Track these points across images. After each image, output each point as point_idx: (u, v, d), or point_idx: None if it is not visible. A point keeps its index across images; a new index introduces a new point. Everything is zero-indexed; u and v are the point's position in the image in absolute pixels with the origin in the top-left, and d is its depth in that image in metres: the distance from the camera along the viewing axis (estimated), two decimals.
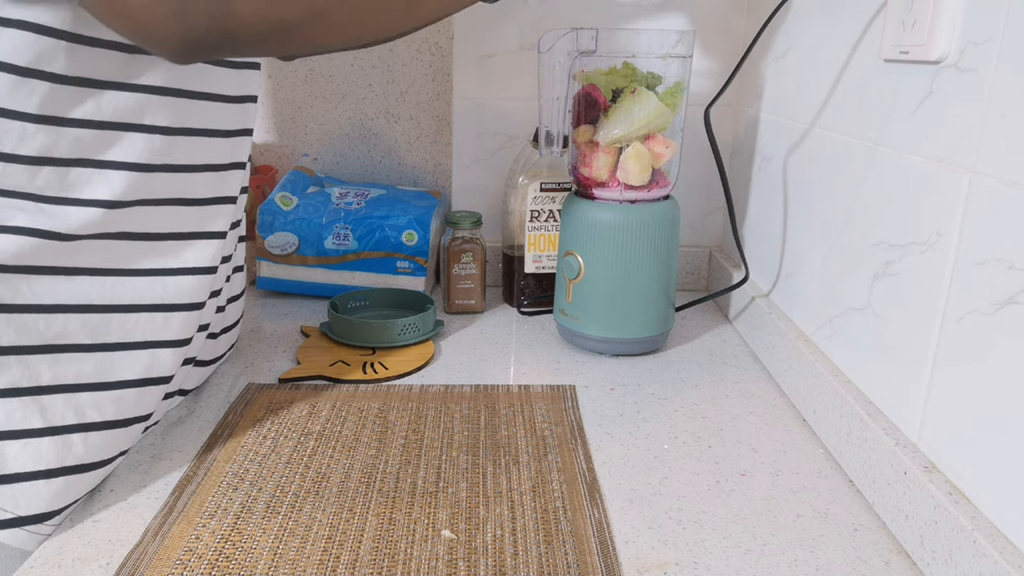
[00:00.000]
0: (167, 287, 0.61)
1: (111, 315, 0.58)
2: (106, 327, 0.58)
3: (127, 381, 0.60)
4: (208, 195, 0.64)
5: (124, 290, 0.59)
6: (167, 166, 0.60)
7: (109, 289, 0.58)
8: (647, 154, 0.82)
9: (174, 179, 0.60)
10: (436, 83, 1.14)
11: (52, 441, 0.56)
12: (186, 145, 0.61)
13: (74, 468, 0.57)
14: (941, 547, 0.50)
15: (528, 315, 0.99)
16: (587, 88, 0.83)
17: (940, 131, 0.55)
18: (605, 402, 0.76)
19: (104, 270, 0.58)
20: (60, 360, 0.56)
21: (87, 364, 0.57)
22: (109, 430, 0.59)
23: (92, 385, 0.58)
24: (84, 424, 0.58)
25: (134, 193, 0.58)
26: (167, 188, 0.60)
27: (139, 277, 0.60)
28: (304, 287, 1.02)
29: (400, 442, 0.67)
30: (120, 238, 0.58)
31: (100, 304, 0.58)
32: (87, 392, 0.58)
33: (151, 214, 0.60)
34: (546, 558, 0.53)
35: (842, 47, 0.71)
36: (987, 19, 0.50)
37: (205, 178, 0.63)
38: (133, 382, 0.60)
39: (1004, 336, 0.47)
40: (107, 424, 0.59)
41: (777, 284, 0.86)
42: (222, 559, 0.52)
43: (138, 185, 0.58)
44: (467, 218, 0.97)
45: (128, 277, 0.59)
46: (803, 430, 0.71)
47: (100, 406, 0.58)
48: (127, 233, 0.58)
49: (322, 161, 1.18)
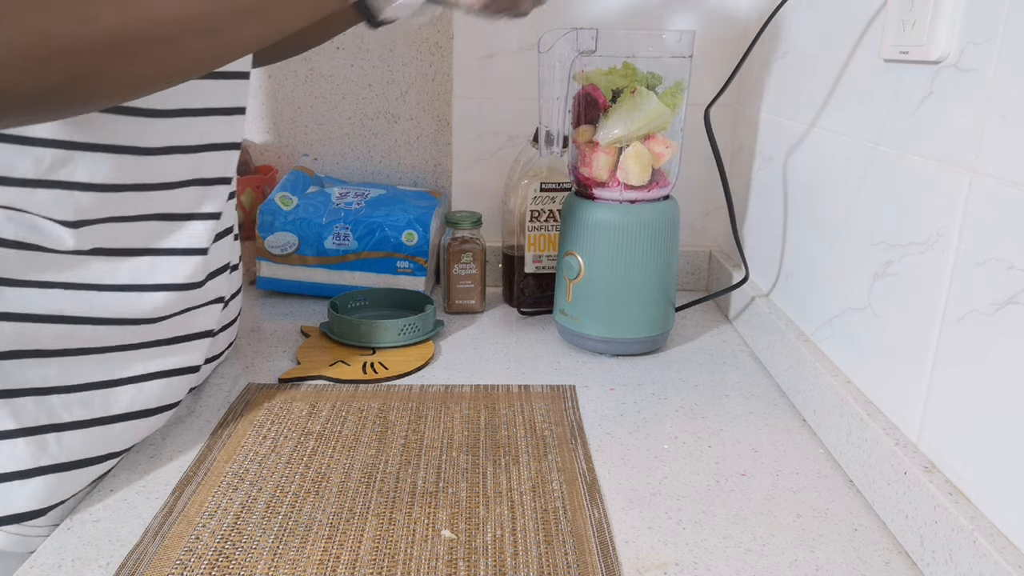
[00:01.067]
0: (143, 301, 0.61)
1: (83, 325, 0.58)
2: (75, 335, 0.58)
3: (92, 384, 0.60)
4: (188, 211, 0.63)
5: (97, 304, 0.58)
6: (139, 185, 0.58)
7: (81, 301, 0.57)
8: (647, 154, 0.82)
9: (150, 196, 0.59)
10: (436, 83, 1.14)
11: (27, 442, 0.56)
12: (171, 163, 0.60)
13: (50, 468, 0.57)
14: (941, 547, 0.50)
15: (528, 315, 0.99)
16: (587, 88, 0.83)
17: (940, 131, 0.55)
18: (605, 402, 0.76)
19: (78, 285, 0.57)
20: (23, 365, 0.56)
21: (51, 368, 0.57)
22: (83, 429, 0.59)
23: (58, 388, 0.58)
24: (57, 424, 0.58)
25: (101, 211, 0.57)
26: (142, 205, 0.59)
27: (114, 292, 0.59)
28: (304, 287, 1.02)
29: (400, 442, 0.67)
30: (95, 254, 0.57)
31: (72, 316, 0.57)
32: (56, 395, 0.58)
33: (124, 230, 0.59)
34: (546, 558, 0.53)
35: (842, 47, 0.71)
36: (987, 19, 0.50)
37: (187, 193, 0.62)
38: (97, 384, 0.60)
39: (1004, 336, 0.47)
40: (79, 424, 0.59)
41: (777, 284, 0.86)
42: (222, 559, 0.52)
43: (105, 203, 0.57)
44: (467, 218, 0.97)
45: (103, 292, 0.59)
46: (803, 430, 0.71)
47: (69, 407, 0.59)
48: (101, 249, 0.58)
49: (322, 161, 1.18)
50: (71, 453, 0.59)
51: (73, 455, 0.59)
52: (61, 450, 0.58)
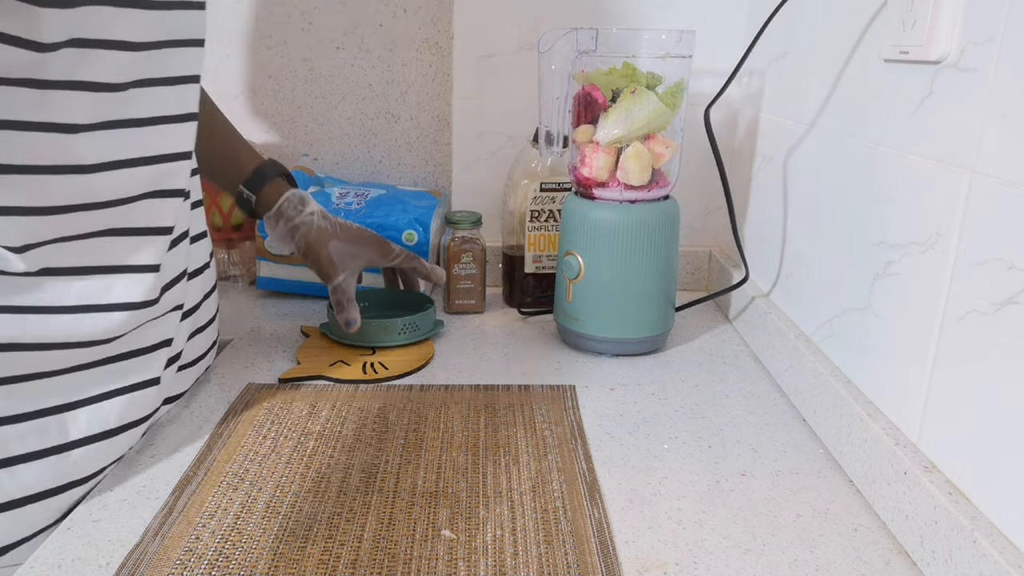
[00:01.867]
0: (96, 323, 0.58)
1: (36, 352, 0.56)
2: (27, 361, 0.56)
3: (47, 410, 0.58)
4: (137, 225, 0.60)
5: (49, 328, 0.56)
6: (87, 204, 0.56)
7: (30, 327, 0.55)
8: (647, 154, 0.82)
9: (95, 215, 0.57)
10: (436, 83, 1.14)
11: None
12: (109, 179, 0.57)
13: (4, 506, 0.56)
14: (941, 547, 0.50)
15: (528, 315, 0.99)
16: (587, 88, 0.83)
17: (940, 131, 0.55)
18: (605, 402, 0.76)
19: (29, 308, 0.55)
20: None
21: (2, 399, 0.55)
22: (37, 460, 0.57)
23: (10, 418, 0.56)
24: (10, 459, 0.56)
25: (47, 233, 0.54)
26: (90, 222, 0.57)
27: (66, 315, 0.57)
28: (304, 287, 1.02)
29: (400, 442, 0.67)
30: (44, 274, 0.55)
31: (24, 343, 0.55)
32: (8, 426, 0.56)
33: (74, 248, 0.56)
34: (546, 558, 0.53)
35: (842, 47, 0.71)
36: (987, 19, 0.50)
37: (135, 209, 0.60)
38: (52, 409, 0.58)
39: (1004, 336, 0.47)
40: (33, 456, 0.57)
41: (777, 284, 0.86)
42: (222, 559, 0.52)
43: (49, 224, 0.54)
44: (467, 218, 0.97)
45: (55, 315, 0.56)
46: (803, 430, 0.71)
47: (23, 438, 0.57)
48: (50, 269, 0.56)
49: (322, 161, 1.18)
50: (25, 488, 0.57)
51: (27, 489, 0.57)
52: (16, 485, 0.56)
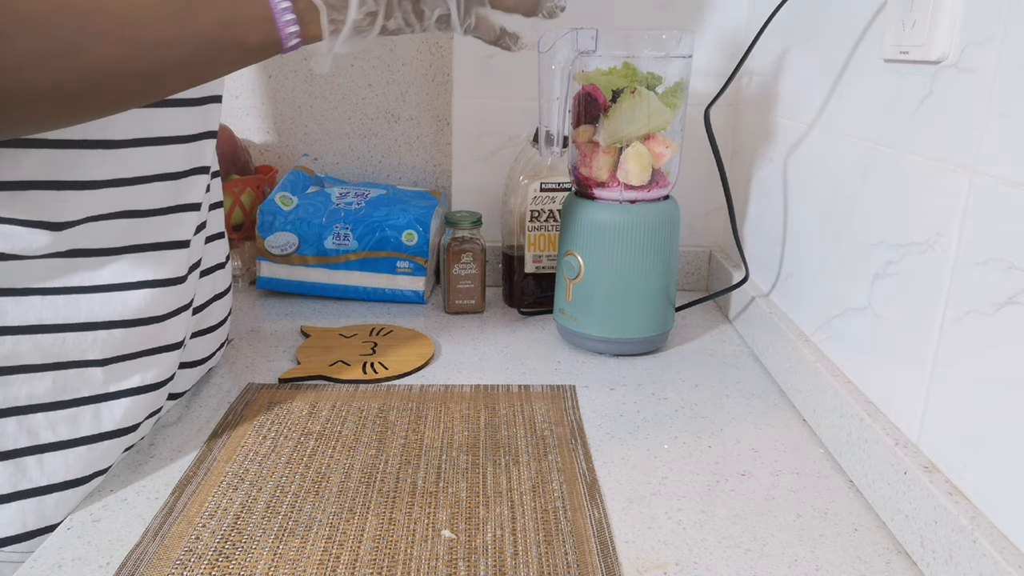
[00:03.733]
0: (126, 302, 0.59)
1: (65, 335, 0.56)
2: (60, 346, 0.56)
3: (84, 399, 0.58)
4: (164, 204, 0.61)
5: (78, 308, 0.57)
6: (116, 180, 0.57)
7: (62, 308, 0.56)
8: (647, 154, 0.82)
9: (124, 192, 0.58)
10: (436, 83, 1.14)
11: (4, 466, 0.55)
12: (139, 156, 0.58)
13: (29, 492, 0.56)
14: (941, 547, 0.50)
15: (528, 315, 0.99)
16: (587, 88, 0.83)
17: (940, 131, 0.55)
18: (605, 402, 0.76)
19: (56, 289, 0.56)
20: (11, 382, 0.55)
21: (40, 384, 0.56)
22: (66, 450, 0.58)
23: (46, 405, 0.57)
24: (38, 446, 0.57)
25: (82, 211, 0.55)
26: (117, 201, 0.58)
27: (94, 294, 0.58)
28: (304, 287, 1.02)
29: (400, 442, 0.67)
30: (72, 255, 0.56)
31: (51, 324, 0.56)
32: (40, 413, 0.56)
33: (102, 228, 0.57)
34: (546, 558, 0.53)
35: (842, 47, 0.71)
36: (987, 19, 0.50)
37: (160, 188, 0.61)
38: (90, 399, 0.59)
39: (1004, 336, 0.47)
40: (62, 444, 0.58)
41: (777, 284, 0.86)
42: (222, 559, 0.52)
43: (86, 202, 0.55)
44: (467, 218, 0.97)
45: (83, 295, 0.57)
46: (803, 430, 0.71)
47: (54, 426, 0.57)
48: (79, 250, 0.56)
49: (322, 161, 1.18)
50: (51, 476, 0.57)
51: (53, 478, 0.57)
52: (42, 473, 0.57)
